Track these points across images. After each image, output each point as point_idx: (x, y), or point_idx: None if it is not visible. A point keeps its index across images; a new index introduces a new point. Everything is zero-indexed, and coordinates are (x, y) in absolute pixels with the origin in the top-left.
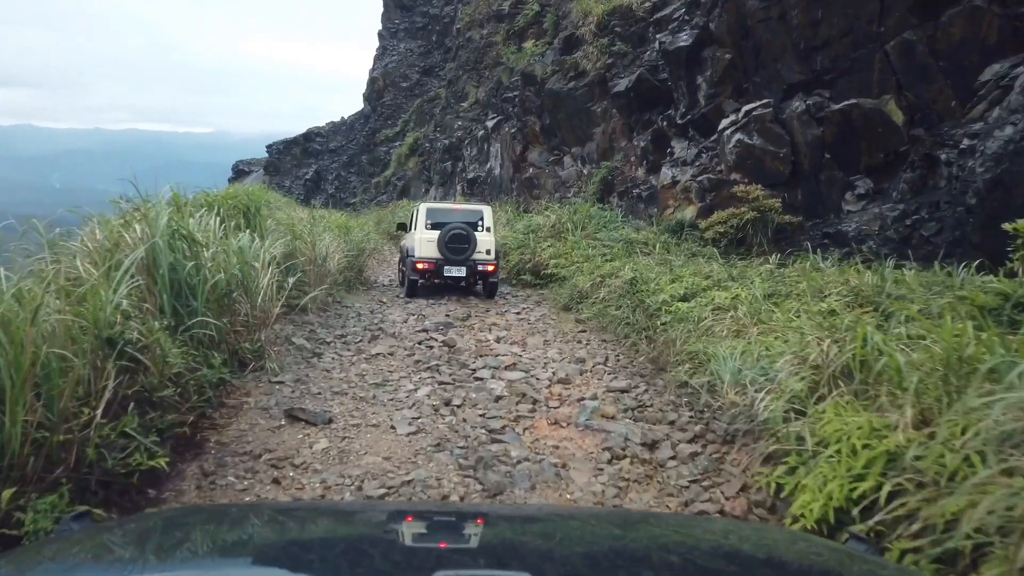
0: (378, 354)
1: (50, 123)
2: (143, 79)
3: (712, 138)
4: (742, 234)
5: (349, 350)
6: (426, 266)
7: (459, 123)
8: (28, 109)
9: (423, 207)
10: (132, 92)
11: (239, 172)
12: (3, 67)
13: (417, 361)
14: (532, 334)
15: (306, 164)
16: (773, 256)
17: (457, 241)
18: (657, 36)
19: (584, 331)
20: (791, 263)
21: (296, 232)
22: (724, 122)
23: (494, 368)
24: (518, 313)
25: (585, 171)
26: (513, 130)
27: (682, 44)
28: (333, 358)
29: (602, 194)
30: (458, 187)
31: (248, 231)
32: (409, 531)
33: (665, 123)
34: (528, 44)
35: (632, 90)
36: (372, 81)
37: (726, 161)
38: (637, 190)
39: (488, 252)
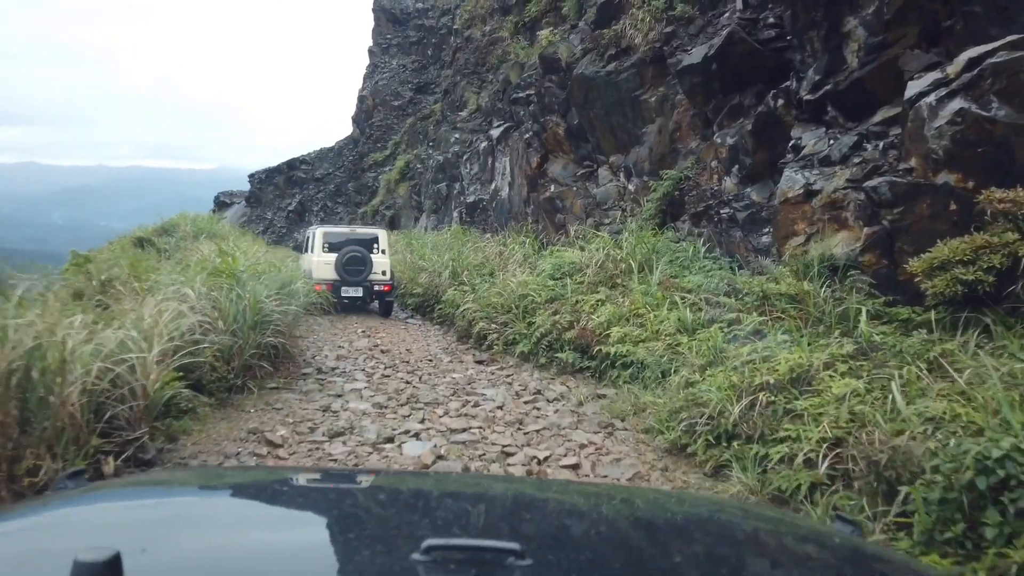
0: None
1: (53, 160)
2: (147, 116)
3: (878, 117)
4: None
5: None
6: (323, 288)
7: (456, 136)
8: (31, 146)
9: (319, 230)
10: (136, 129)
11: (221, 204)
12: (7, 105)
13: None
14: None
15: (289, 194)
16: None
17: (354, 263)
18: None
19: None
20: None
21: None
22: (915, 87)
23: None
24: (574, 464)
25: (631, 187)
26: (528, 135)
27: None
28: None
29: (663, 217)
30: (455, 214)
31: None
32: (400, 498)
33: (780, 102)
34: (544, 34)
35: (714, 60)
36: (361, 100)
37: (924, 152)
38: (727, 210)
39: (384, 273)
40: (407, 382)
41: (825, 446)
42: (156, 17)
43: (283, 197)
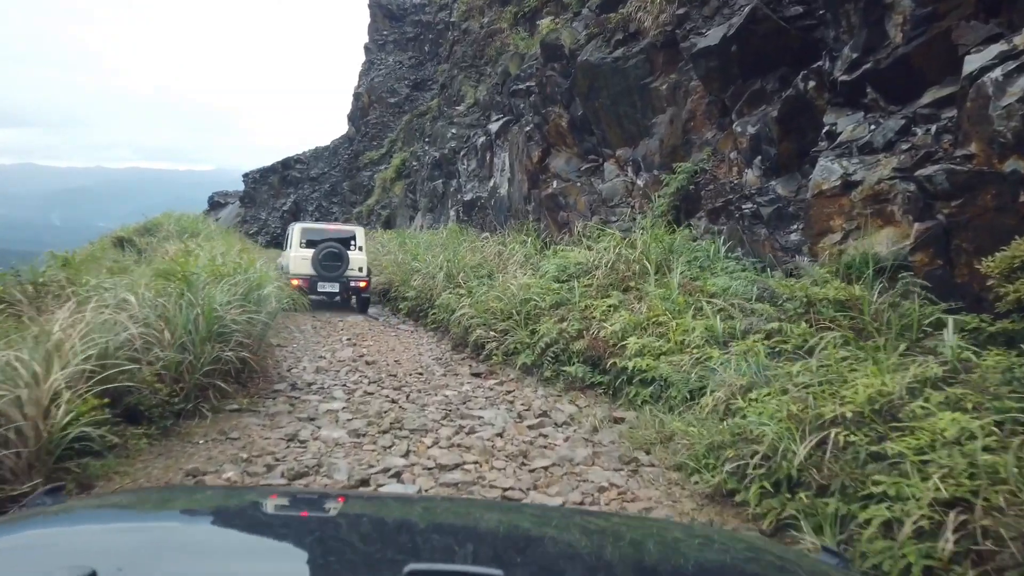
0: None
1: (51, 161)
2: (145, 118)
3: (927, 99)
4: None
5: None
6: (300, 282)
7: (453, 131)
8: (30, 148)
9: (297, 226)
10: (134, 131)
11: (214, 205)
12: (5, 107)
13: None
14: None
15: (284, 194)
16: None
17: (330, 259)
18: None
19: None
20: None
21: None
22: (975, 61)
23: None
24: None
25: (640, 182)
26: (528, 128)
27: None
28: None
29: (677, 214)
30: (451, 212)
31: None
32: (384, 524)
33: (811, 84)
34: (544, 23)
35: (734, 41)
36: (356, 98)
37: (987, 135)
38: (749, 205)
39: (360, 270)
40: (392, 401)
41: (952, 513)
42: (154, 19)
43: (278, 197)
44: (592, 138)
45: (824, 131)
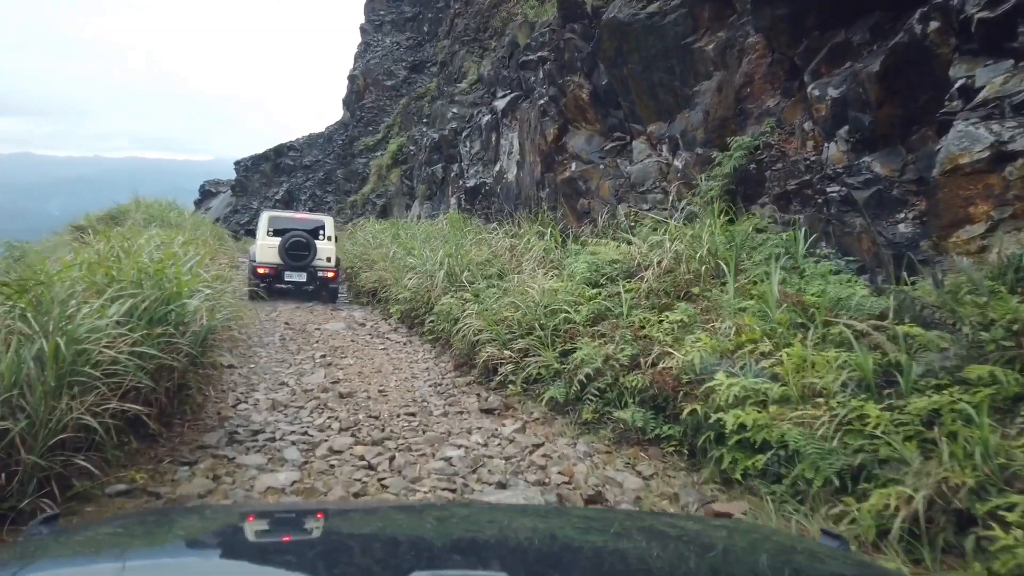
0: None
1: (49, 151)
2: (144, 108)
3: None
4: None
5: None
6: (267, 271)
7: (454, 110)
8: (27, 137)
9: (265, 215)
10: (132, 121)
11: (205, 194)
12: (2, 95)
13: None
14: None
15: (277, 183)
16: None
17: (297, 248)
18: None
19: None
20: None
21: None
22: None
23: None
24: None
25: (678, 162)
26: (542, 102)
27: None
28: None
29: (732, 199)
30: (452, 200)
31: None
32: (386, 529)
33: (932, 26)
34: None
35: None
36: (351, 80)
37: None
38: (836, 188)
39: (329, 259)
40: (369, 467)
41: None
42: (151, 8)
43: (270, 185)
44: (618, 112)
45: (957, 86)
